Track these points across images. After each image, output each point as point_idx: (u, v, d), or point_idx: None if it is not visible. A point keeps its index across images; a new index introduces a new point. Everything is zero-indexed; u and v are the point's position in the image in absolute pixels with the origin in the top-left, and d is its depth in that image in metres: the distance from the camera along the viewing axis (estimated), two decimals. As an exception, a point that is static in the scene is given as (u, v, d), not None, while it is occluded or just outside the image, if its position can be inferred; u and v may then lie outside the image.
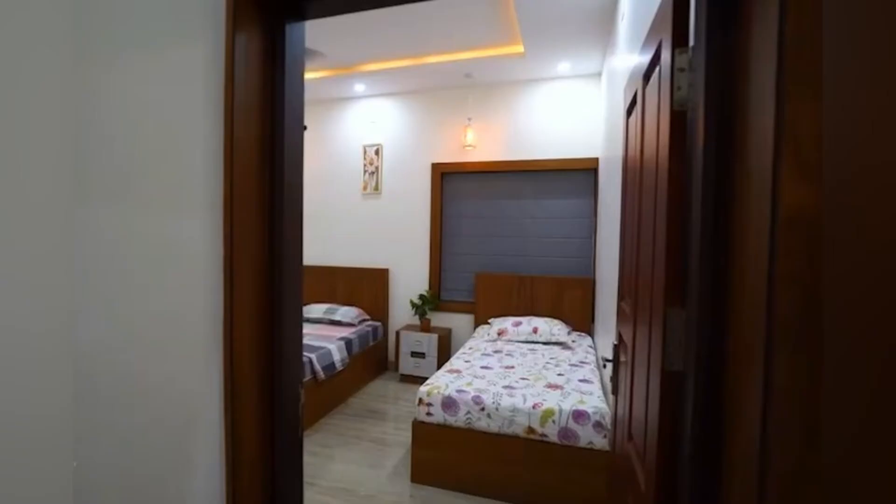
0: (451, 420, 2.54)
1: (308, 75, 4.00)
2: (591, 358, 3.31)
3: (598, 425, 2.33)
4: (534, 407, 2.43)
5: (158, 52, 0.96)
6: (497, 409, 2.47)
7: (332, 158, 4.74)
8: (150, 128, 0.97)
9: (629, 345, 1.47)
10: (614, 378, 1.74)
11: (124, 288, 1.00)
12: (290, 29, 1.12)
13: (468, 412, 2.51)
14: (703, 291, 0.86)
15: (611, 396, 1.93)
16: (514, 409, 2.44)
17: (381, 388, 3.99)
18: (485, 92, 4.25)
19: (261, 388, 1.08)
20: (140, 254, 0.99)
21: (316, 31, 3.31)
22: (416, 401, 2.61)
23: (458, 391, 2.58)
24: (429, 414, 2.57)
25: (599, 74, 3.96)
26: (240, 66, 0.99)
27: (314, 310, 4.32)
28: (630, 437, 1.37)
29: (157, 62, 0.94)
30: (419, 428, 2.59)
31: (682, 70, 0.95)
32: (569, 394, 2.57)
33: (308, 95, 4.53)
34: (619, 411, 1.66)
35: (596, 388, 2.68)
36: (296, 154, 1.16)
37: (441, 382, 2.69)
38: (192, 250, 0.94)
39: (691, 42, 0.93)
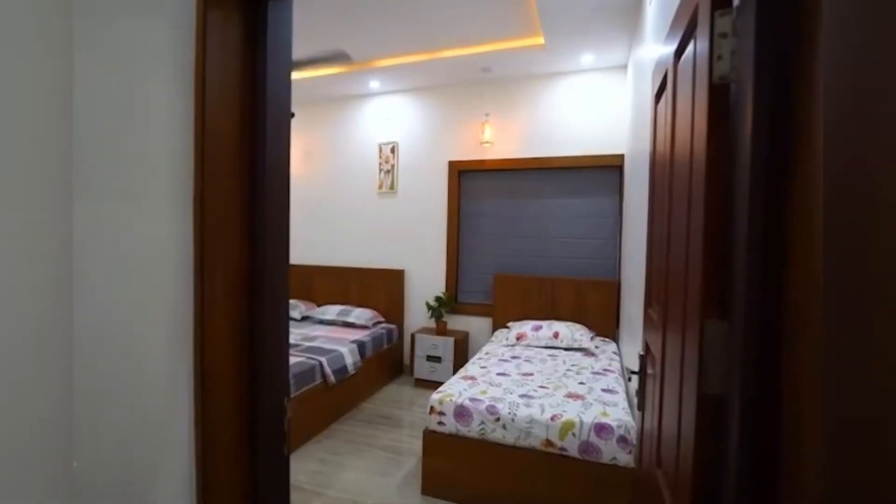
0: (463, 430, 2.40)
1: (321, 73, 3.94)
2: (616, 365, 3.12)
3: (622, 440, 2.16)
4: (552, 419, 2.27)
5: (112, 22, 0.84)
6: (513, 419, 2.32)
7: (347, 157, 4.67)
8: (98, 109, 0.86)
9: (657, 357, 1.31)
10: (640, 392, 1.58)
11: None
12: (274, 6, 1.01)
13: (482, 422, 2.37)
14: (750, 302, 0.70)
15: (637, 411, 1.76)
16: (532, 421, 2.29)
17: (396, 393, 3.88)
18: (503, 87, 4.10)
19: (238, 402, 0.97)
20: (90, 256, 0.87)
21: (332, 28, 3.24)
22: (428, 409, 2.49)
23: (472, 399, 2.44)
24: (440, 423, 2.44)
25: (625, 67, 3.77)
26: (213, 46, 0.88)
27: (328, 311, 4.25)
28: (659, 462, 1.21)
29: (111, 35, 0.84)
30: (430, 437, 2.46)
31: (723, 35, 0.79)
32: (591, 405, 2.40)
33: (322, 93, 4.51)
34: (646, 428, 1.50)
35: (621, 398, 2.50)
36: (281, 145, 1.05)
37: (454, 390, 2.56)
38: (155, 252, 0.84)
39: (735, 1, 0.78)
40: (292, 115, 1.11)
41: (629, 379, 1.61)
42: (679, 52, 1.13)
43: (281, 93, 1.05)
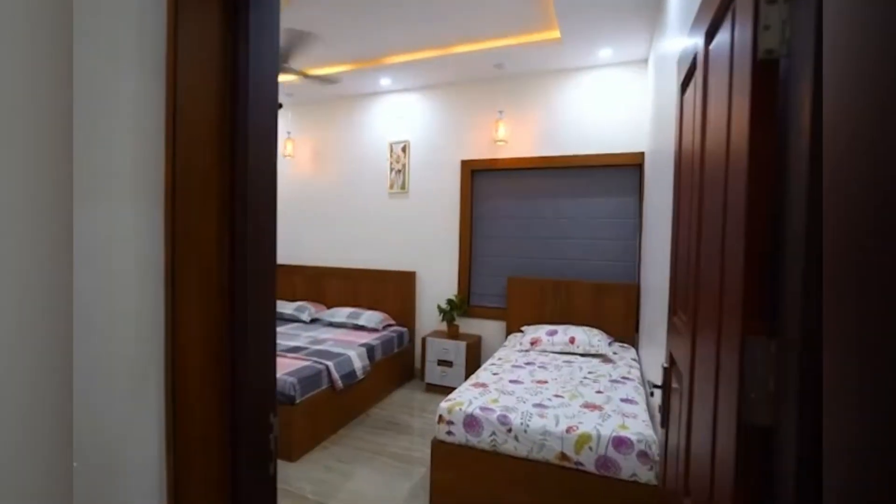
0: (473, 441, 2.29)
1: (331, 69, 3.87)
2: (636, 373, 2.97)
3: (643, 455, 2.02)
4: (568, 431, 2.14)
5: None
6: (526, 431, 2.20)
7: (358, 156, 4.60)
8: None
9: (685, 372, 1.18)
10: (664, 408, 1.45)
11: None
12: (260, -18, 0.91)
13: (493, 433, 2.25)
14: (808, 316, 0.58)
15: (660, 427, 1.63)
16: (546, 433, 2.17)
17: (406, 398, 3.79)
18: (517, 83, 3.98)
19: (216, 419, 0.88)
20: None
21: (339, 19, 3.16)
22: (437, 417, 2.38)
23: (483, 409, 2.33)
24: (449, 433, 2.33)
25: (645, 61, 3.61)
26: (188, 25, 0.80)
27: (338, 314, 4.18)
28: (687, 491, 1.08)
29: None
30: (439, 448, 2.35)
31: (772, 2, 0.67)
32: (609, 416, 2.27)
33: (332, 91, 4.44)
34: (671, 449, 1.37)
35: (641, 409, 2.36)
36: (267, 135, 0.95)
37: (464, 398, 2.44)
38: (119, 252, 0.75)
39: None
40: (280, 105, 1.02)
41: (651, 394, 1.48)
42: (711, 33, 1.01)
43: (267, 77, 0.96)
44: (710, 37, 1.02)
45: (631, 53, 3.53)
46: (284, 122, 4.90)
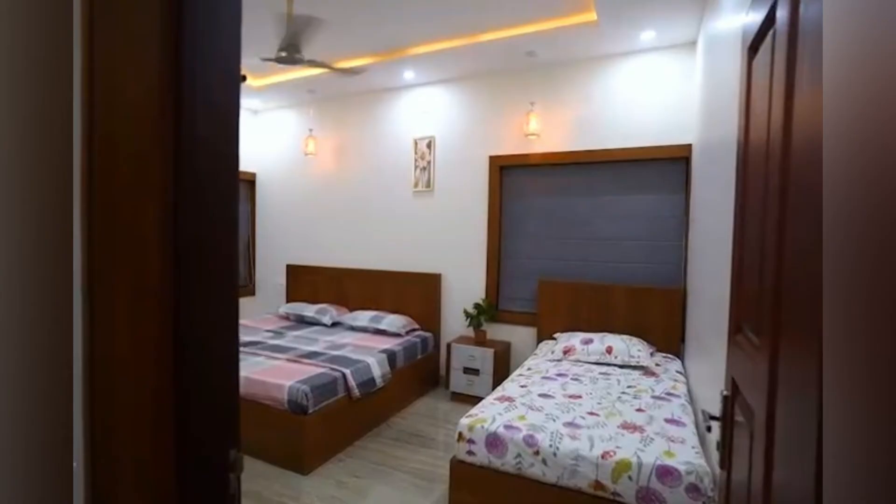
0: (496, 462, 2.07)
1: (353, 62, 3.73)
2: (682, 388, 2.66)
3: (693, 490, 1.75)
4: (603, 456, 1.89)
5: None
6: (555, 454, 1.96)
7: (381, 154, 4.44)
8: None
9: (758, 407, 0.93)
10: (725, 445, 1.18)
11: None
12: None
13: (518, 455, 2.02)
14: None
15: (717, 464, 1.36)
16: (578, 457, 1.92)
17: (429, 408, 3.59)
18: (550, 72, 3.71)
19: (156, 458, 0.71)
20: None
21: (361, 13, 3.01)
22: (456, 435, 2.17)
23: (507, 427, 2.10)
24: (470, 452, 2.12)
25: (693, 44, 3.28)
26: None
27: (359, 318, 4.03)
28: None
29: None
30: (458, 468, 2.15)
31: None
32: (651, 440, 2.00)
33: (354, 87, 4.30)
34: (736, 491, 1.11)
35: (689, 432, 2.07)
36: (227, 115, 0.77)
37: (487, 414, 2.22)
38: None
39: None
40: (243, 78, 0.84)
41: (708, 428, 1.21)
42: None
43: (227, 46, 0.78)
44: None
45: (677, 35, 3.20)
46: (306, 119, 4.82)
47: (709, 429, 1.13)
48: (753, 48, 1.09)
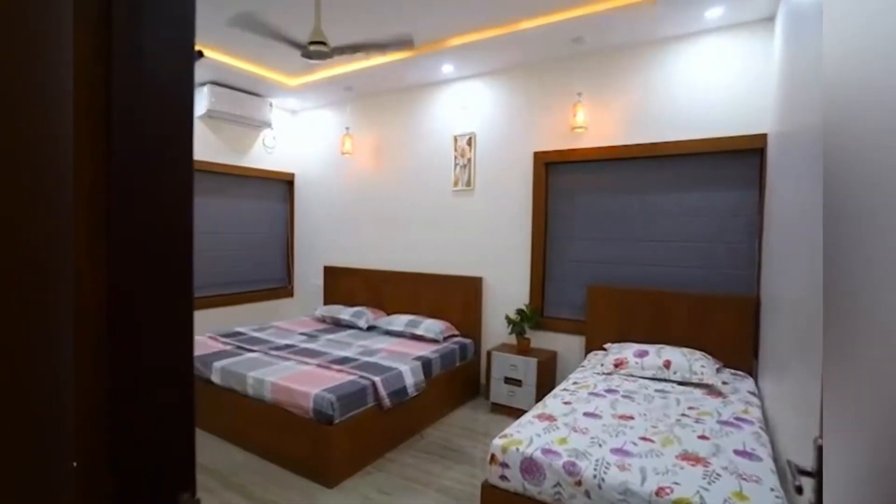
0: (532, 490, 1.84)
1: (388, 59, 3.62)
2: (755, 413, 2.29)
3: (771, 544, 1.44)
4: (658, 493, 1.61)
5: None
6: (600, 486, 1.70)
7: (419, 152, 4.30)
8: None
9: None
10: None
11: None
12: None
13: (557, 483, 1.79)
14: None
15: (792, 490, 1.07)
16: (627, 492, 1.66)
17: (468, 419, 3.39)
18: (599, 60, 3.42)
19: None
20: None
21: (395, 4, 2.89)
22: (489, 457, 1.96)
23: (546, 451, 1.87)
24: (503, 477, 1.91)
25: (770, 20, 2.88)
26: None
27: (395, 322, 3.91)
28: None
29: None
30: (490, 493, 1.94)
31: None
32: (718, 476, 1.69)
33: (391, 83, 4.19)
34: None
35: (765, 468, 1.74)
36: (179, 92, 0.63)
37: (524, 435, 2.00)
38: None
39: None
40: (199, 54, 0.70)
41: (798, 489, 0.91)
42: None
43: (177, 9, 0.64)
44: None
45: (749, 11, 2.82)
46: (343, 117, 4.78)
47: (798, 490, 0.85)
48: None
